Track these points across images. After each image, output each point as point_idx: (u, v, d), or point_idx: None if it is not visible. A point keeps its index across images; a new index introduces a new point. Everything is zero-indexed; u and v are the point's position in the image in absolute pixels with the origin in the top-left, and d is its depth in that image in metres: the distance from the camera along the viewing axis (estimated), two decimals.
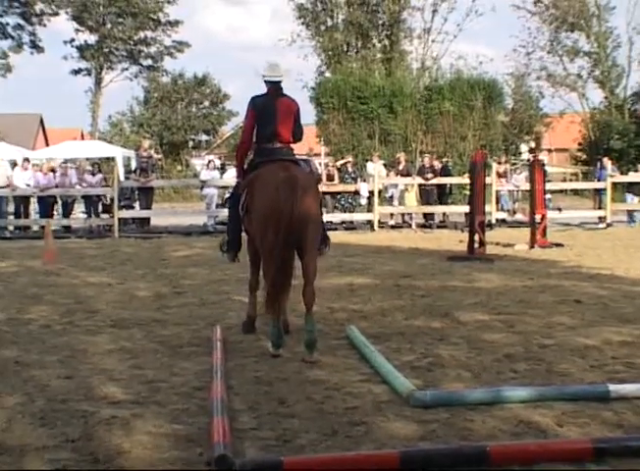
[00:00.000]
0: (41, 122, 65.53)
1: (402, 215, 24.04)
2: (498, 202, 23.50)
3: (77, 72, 55.59)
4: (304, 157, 39.23)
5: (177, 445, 4.56)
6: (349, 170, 23.60)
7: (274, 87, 7.59)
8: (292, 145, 7.74)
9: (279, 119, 7.45)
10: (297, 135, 7.72)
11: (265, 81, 7.62)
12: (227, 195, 9.39)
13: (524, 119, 43.90)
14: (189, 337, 7.71)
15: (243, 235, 7.87)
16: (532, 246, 16.15)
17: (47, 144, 53.33)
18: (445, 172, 23.81)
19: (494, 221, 22.46)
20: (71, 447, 4.54)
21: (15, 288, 11.16)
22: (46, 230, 16.18)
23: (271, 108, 7.47)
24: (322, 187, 22.97)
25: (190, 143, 52.71)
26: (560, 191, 35.13)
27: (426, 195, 23.60)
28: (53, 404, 5.36)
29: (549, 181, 21.74)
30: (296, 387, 5.83)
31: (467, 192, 18.76)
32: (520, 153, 41.31)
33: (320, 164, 25.60)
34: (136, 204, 22.94)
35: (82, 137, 53.47)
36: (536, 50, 45.22)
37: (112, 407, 5.29)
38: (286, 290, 6.97)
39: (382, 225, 22.61)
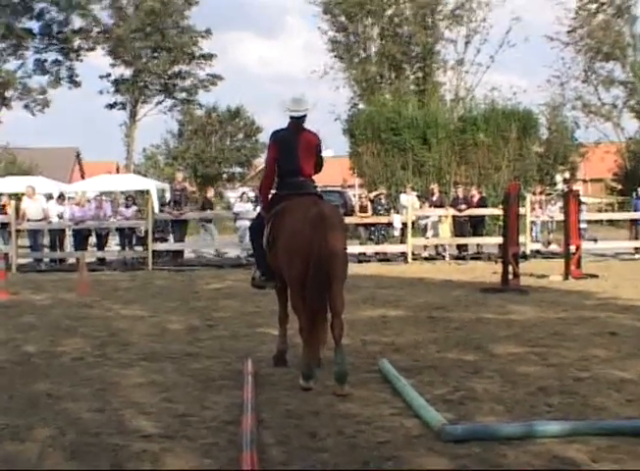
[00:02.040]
0: (78, 155, 66.28)
1: (436, 246, 23.92)
2: (532, 233, 23.36)
3: (112, 106, 56.38)
4: (338, 189, 39.39)
5: None
6: (382, 201, 23.57)
7: (296, 122, 7.64)
8: (315, 177, 7.81)
9: (300, 153, 7.52)
10: (318, 168, 7.83)
11: (290, 116, 7.65)
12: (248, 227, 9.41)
13: (559, 149, 43.62)
14: (221, 370, 7.69)
15: None
16: (566, 277, 15.99)
17: (83, 177, 53.89)
18: (483, 203, 23.65)
19: (528, 252, 22.30)
20: None
21: (49, 321, 11.23)
22: (80, 262, 16.30)
23: (293, 142, 7.54)
24: (355, 219, 23.06)
25: (225, 176, 53.02)
26: (596, 222, 34.85)
27: (459, 227, 23.47)
28: (84, 438, 5.36)
29: (581, 210, 21.55)
30: (328, 420, 5.78)
31: (501, 223, 18.62)
32: (555, 184, 41.03)
33: (354, 195, 25.61)
34: (170, 237, 23.05)
35: (118, 170, 53.98)
36: (570, 80, 45.11)
37: (142, 441, 5.28)
38: (322, 322, 7.01)
39: (415, 256, 22.52)
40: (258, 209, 22.20)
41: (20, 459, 4.96)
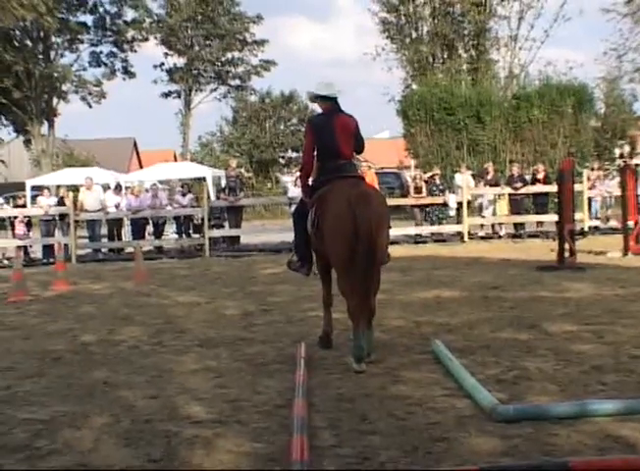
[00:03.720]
0: (135, 145, 67.12)
1: (492, 225, 23.73)
2: (590, 210, 23.05)
3: (167, 95, 56.98)
4: (394, 170, 39.23)
5: (257, 464, 4.58)
6: (437, 182, 23.44)
7: (330, 105, 7.68)
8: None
9: (338, 135, 7.52)
10: (359, 148, 7.83)
11: (321, 98, 7.70)
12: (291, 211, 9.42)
13: (617, 123, 42.89)
14: (274, 355, 7.73)
15: None
16: (625, 254, 15.76)
17: (141, 167, 54.60)
18: (548, 180, 23.19)
19: (586, 229, 22.02)
20: (153, 467, 4.60)
21: (107, 310, 11.40)
22: (136, 251, 16.49)
23: (329, 125, 7.55)
24: (410, 200, 22.99)
25: (281, 161, 53.14)
26: None
27: (515, 205, 23.24)
28: (138, 424, 5.44)
29: None
30: (379, 403, 5.78)
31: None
32: (614, 159, 40.40)
33: (410, 176, 25.54)
34: (226, 223, 23.19)
35: (175, 159, 54.41)
36: (628, 52, 44.22)
37: (195, 427, 5.34)
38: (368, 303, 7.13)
39: (472, 236, 22.39)
40: None
41: (76, 446, 5.05)
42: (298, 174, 13.65)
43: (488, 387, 5.92)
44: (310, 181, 7.91)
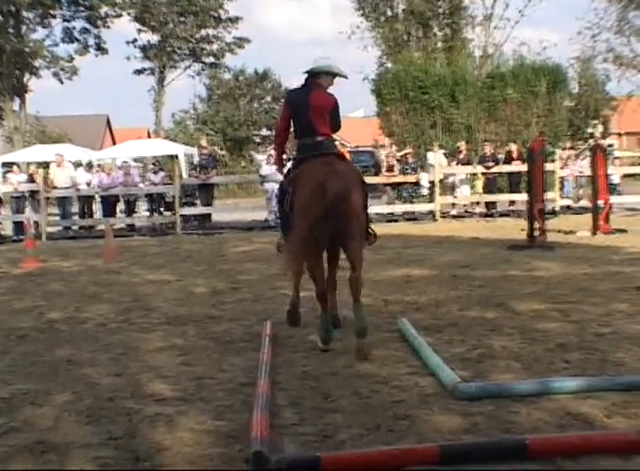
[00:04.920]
0: (108, 122, 66.63)
1: (465, 205, 23.80)
2: (562, 189, 23.16)
3: (140, 72, 56.41)
4: (369, 149, 39.17)
5: (218, 442, 4.56)
6: (410, 160, 23.44)
7: (312, 81, 7.42)
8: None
9: (315, 111, 7.27)
10: (335, 128, 7.53)
11: (308, 72, 7.43)
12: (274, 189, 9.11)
13: (590, 103, 43.00)
14: (241, 332, 7.70)
15: None
16: (595, 233, 15.85)
17: (115, 144, 54.12)
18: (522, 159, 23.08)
19: (558, 208, 22.14)
20: (113, 445, 4.57)
21: (75, 288, 11.33)
22: (106, 229, 16.41)
23: (306, 101, 7.29)
24: (382, 179, 22.98)
25: (257, 139, 52.94)
26: (631, 176, 34.43)
27: (488, 184, 23.31)
28: (100, 402, 5.41)
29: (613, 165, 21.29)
30: (343, 381, 5.77)
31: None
32: (587, 138, 40.56)
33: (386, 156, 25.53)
34: (198, 201, 23.12)
35: (149, 136, 54.06)
36: (602, 31, 44.30)
37: (157, 405, 5.31)
38: (332, 282, 7.21)
39: (444, 215, 22.44)
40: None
41: (37, 423, 5.01)
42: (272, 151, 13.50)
43: (452, 365, 5.93)
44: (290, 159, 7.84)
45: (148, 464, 4.29)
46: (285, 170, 7.83)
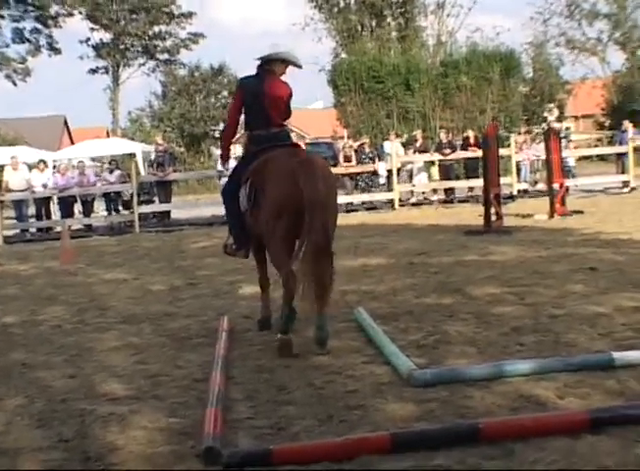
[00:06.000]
0: (65, 123, 65.98)
1: (423, 192, 23.89)
2: (519, 173, 23.31)
3: (94, 71, 55.98)
4: (327, 141, 39.12)
5: (170, 439, 4.51)
6: (367, 150, 23.48)
7: (266, 68, 7.09)
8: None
9: (271, 102, 6.97)
10: (287, 117, 7.25)
11: (260, 59, 7.10)
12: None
13: (545, 88, 43.32)
14: (198, 328, 7.65)
15: None
16: (552, 216, 15.97)
17: (73, 145, 53.62)
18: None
19: (515, 192, 22.29)
20: (64, 447, 4.50)
21: (31, 290, 11.21)
22: (62, 230, 16.26)
23: (260, 89, 6.98)
24: (340, 169, 22.97)
25: (216, 134, 52.69)
26: (586, 158, 34.78)
27: (445, 171, 23.42)
28: (52, 405, 5.33)
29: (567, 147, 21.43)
30: (298, 373, 5.75)
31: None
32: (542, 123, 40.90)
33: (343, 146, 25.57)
34: (156, 198, 23.00)
35: (108, 136, 53.64)
36: (553, 16, 44.72)
37: (110, 404, 5.25)
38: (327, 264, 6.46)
39: (402, 203, 22.50)
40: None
41: None
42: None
43: (408, 352, 5.93)
44: (239, 152, 7.58)
45: (99, 464, 4.24)
46: (229, 165, 7.68)
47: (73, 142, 58.43)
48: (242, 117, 7.33)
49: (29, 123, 53.38)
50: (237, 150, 24.65)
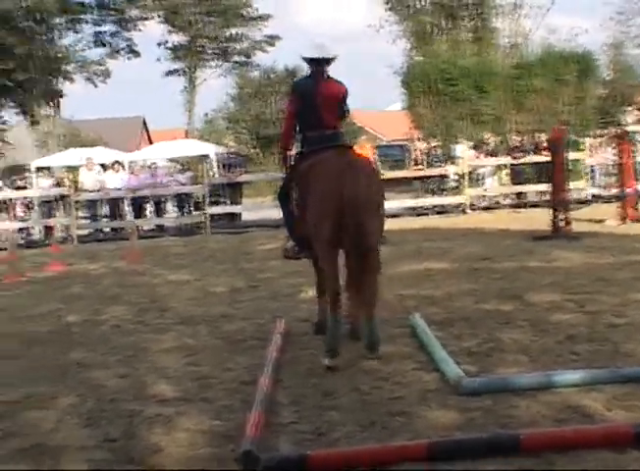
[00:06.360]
0: (144, 124, 66.97)
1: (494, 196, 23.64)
2: (592, 178, 22.93)
3: (171, 73, 56.70)
4: (401, 143, 38.82)
5: (212, 442, 4.55)
6: (437, 153, 23.32)
7: (317, 69, 6.99)
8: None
9: (323, 102, 6.85)
10: (343, 116, 7.13)
11: (309, 59, 7.02)
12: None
13: (623, 90, 42.43)
14: (253, 331, 7.68)
15: None
16: (623, 221, 15.64)
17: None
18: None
19: (590, 197, 21.91)
20: (108, 447, 4.59)
21: (97, 290, 11.41)
22: (131, 230, 16.50)
23: (314, 91, 6.88)
24: (409, 172, 22.87)
25: None
26: None
27: (516, 175, 23.13)
28: (102, 404, 5.43)
29: None
30: (346, 378, 5.74)
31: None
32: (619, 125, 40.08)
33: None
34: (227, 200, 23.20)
35: (187, 136, 54.19)
36: (635, 16, 43.73)
37: (158, 406, 5.32)
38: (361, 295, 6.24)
39: (473, 207, 22.28)
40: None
41: (37, 427, 5.04)
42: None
43: (460, 359, 5.88)
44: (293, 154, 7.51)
45: (141, 466, 4.29)
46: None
47: (151, 143, 59.31)
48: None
49: (109, 124, 54.27)
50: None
